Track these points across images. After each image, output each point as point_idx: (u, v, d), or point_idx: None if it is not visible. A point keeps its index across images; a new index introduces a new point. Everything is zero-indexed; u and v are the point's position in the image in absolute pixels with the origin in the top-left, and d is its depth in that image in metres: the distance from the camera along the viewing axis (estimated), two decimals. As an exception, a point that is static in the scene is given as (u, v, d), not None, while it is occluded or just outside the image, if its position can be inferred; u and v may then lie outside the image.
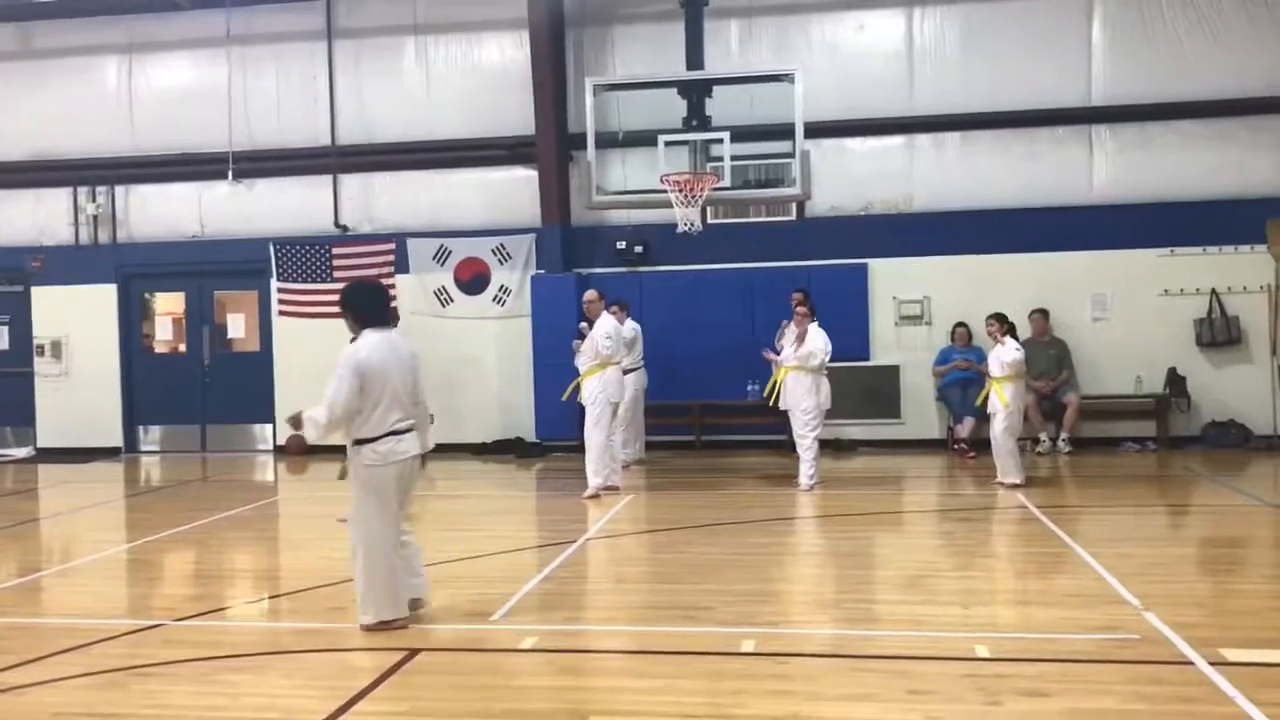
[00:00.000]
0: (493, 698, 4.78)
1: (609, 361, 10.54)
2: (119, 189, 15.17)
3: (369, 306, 6.18)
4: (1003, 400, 10.18)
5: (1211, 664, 4.94)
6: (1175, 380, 12.92)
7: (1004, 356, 10.25)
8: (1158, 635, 5.42)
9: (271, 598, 7.05)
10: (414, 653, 5.46)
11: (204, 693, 4.95)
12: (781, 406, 10.79)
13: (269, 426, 14.91)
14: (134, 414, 15.29)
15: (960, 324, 13.11)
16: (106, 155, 15.01)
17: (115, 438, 15.17)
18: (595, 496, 10.18)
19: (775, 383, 10.85)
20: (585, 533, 8.61)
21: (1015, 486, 10.00)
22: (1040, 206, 13.26)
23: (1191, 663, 4.99)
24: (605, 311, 11.01)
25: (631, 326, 12.30)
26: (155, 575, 7.72)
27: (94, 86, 15.13)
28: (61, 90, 15.13)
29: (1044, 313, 13.01)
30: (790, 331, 10.85)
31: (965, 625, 5.77)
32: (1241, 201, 12.89)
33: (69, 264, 15.07)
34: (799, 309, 10.83)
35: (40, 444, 15.17)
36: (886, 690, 4.76)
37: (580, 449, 10.85)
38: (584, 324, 10.82)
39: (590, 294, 10.94)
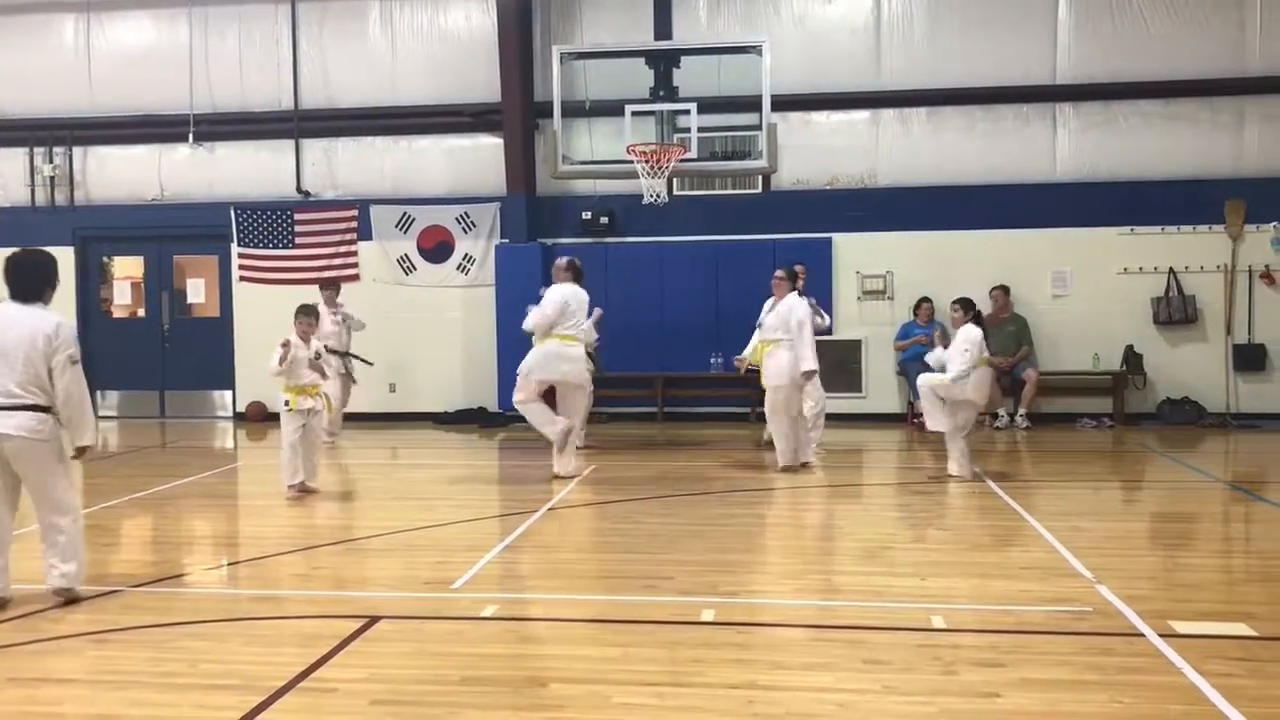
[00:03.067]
0: (452, 665, 4.79)
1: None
2: (76, 150, 14.94)
3: (8, 279, 5.83)
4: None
5: (1161, 635, 5.03)
6: (1132, 358, 13.10)
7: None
8: (1110, 608, 5.52)
9: (231, 564, 7.01)
10: (374, 620, 5.46)
11: (161, 659, 4.92)
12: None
13: (229, 393, 14.79)
14: (92, 379, 15.02)
15: (923, 299, 13.21)
16: (64, 115, 14.79)
17: (72, 402, 14.95)
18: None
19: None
20: (548, 502, 8.62)
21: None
22: (1004, 183, 13.37)
23: (1142, 634, 5.08)
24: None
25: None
26: (113, 541, 7.66)
27: (51, 44, 14.85)
28: (17, 48, 14.86)
29: (1004, 289, 13.13)
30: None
31: (922, 596, 5.84)
32: (1201, 182, 13.06)
33: (25, 225, 14.78)
34: (780, 279, 10.08)
35: (-5, 408, 14.93)
36: (844, 660, 4.82)
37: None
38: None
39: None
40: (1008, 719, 4.13)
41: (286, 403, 8.91)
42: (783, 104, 12.80)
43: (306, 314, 9.25)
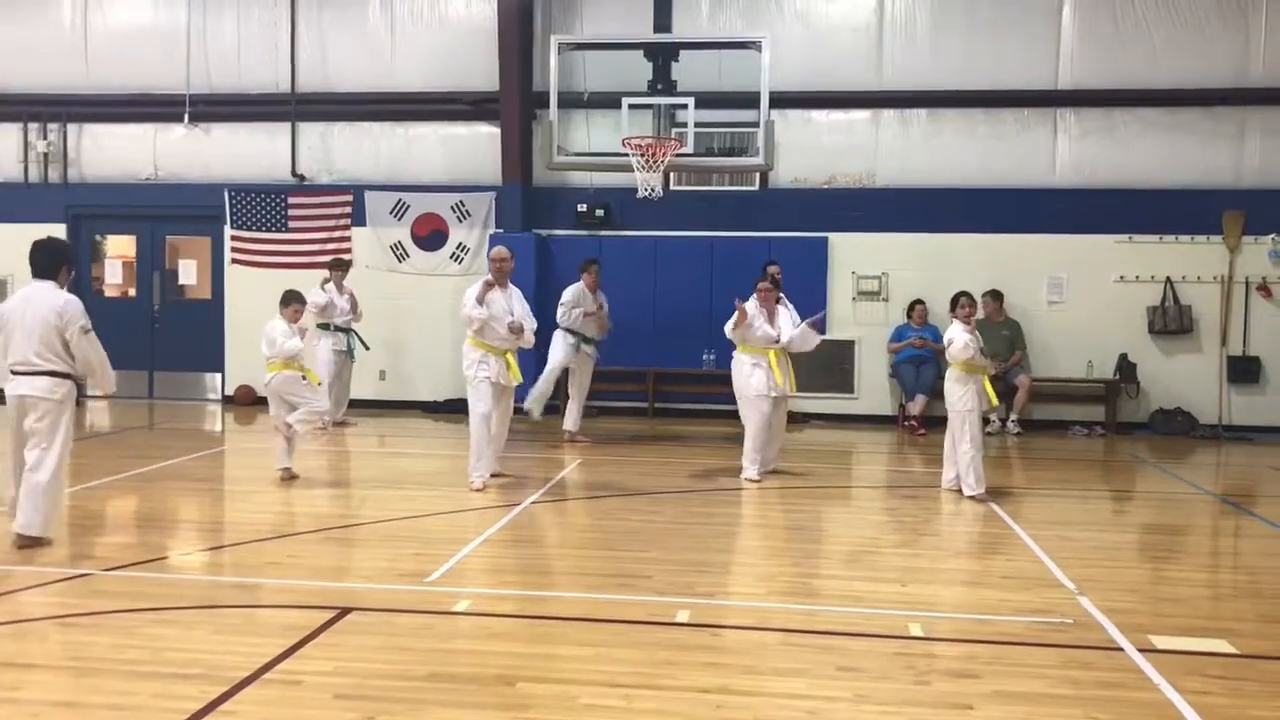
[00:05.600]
0: (420, 660, 4.73)
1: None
2: (71, 127, 14.83)
3: (31, 261, 6.86)
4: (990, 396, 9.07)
5: (1140, 650, 4.97)
6: (1126, 366, 13.04)
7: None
8: (1090, 620, 5.46)
9: (206, 550, 6.94)
10: (345, 611, 5.39)
11: (126, 645, 4.85)
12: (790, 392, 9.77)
13: (218, 376, 14.72)
14: (80, 358, 14.99)
15: (917, 301, 13.14)
16: (59, 91, 14.66)
17: (60, 381, 14.89)
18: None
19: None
20: (530, 497, 8.55)
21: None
22: (1002, 188, 13.29)
23: (1121, 649, 5.02)
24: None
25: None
26: (90, 523, 7.58)
27: (49, 19, 14.74)
28: (14, 21, 14.74)
29: (996, 294, 13.04)
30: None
31: (902, 603, 5.77)
32: (1200, 192, 12.98)
33: (17, 202, 14.74)
34: (769, 290, 9.61)
35: (-18, 385, 14.85)
36: (817, 666, 4.75)
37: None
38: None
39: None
40: (979, 732, 4.07)
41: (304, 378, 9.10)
42: (782, 101, 12.72)
43: (300, 301, 9.29)
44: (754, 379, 9.36)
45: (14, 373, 6.72)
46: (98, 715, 4.08)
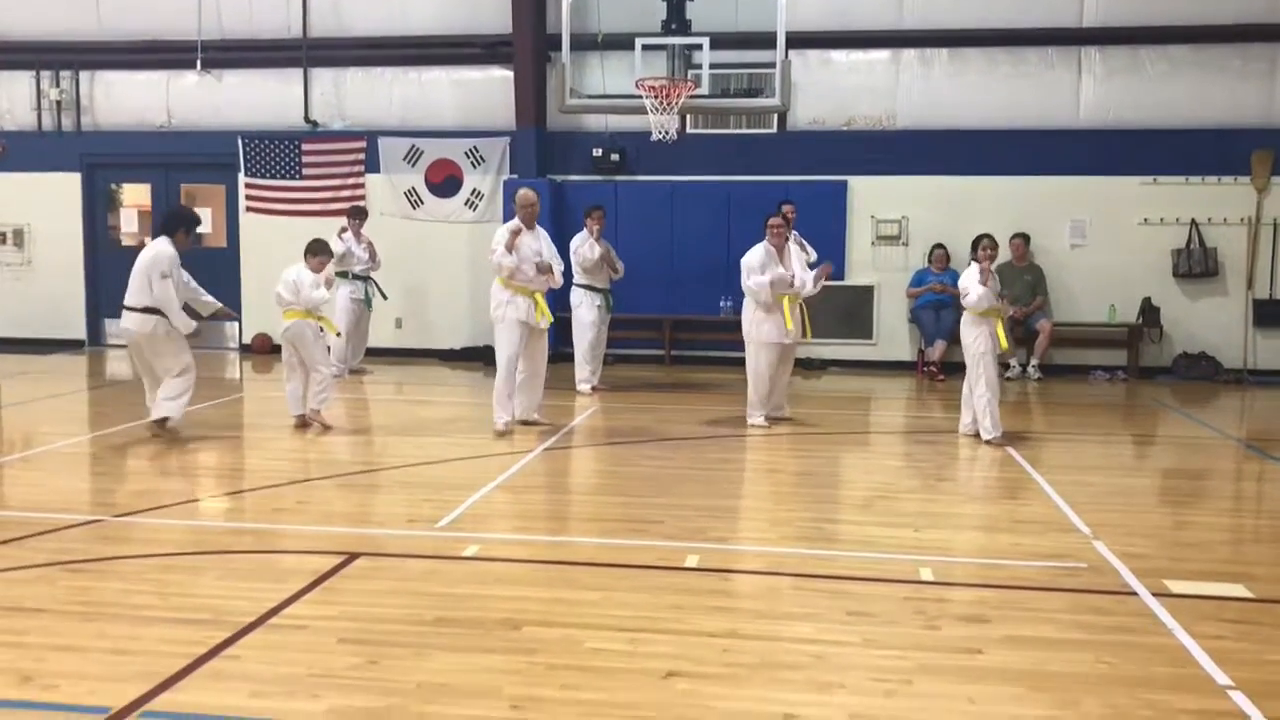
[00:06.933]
0: (427, 605, 4.71)
1: None
2: (83, 74, 14.73)
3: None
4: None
5: (1154, 595, 4.90)
6: (1149, 310, 12.84)
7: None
8: (1105, 565, 5.39)
9: (216, 497, 6.95)
10: (353, 556, 5.38)
11: (133, 590, 4.86)
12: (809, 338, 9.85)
13: (235, 324, 14.70)
14: (99, 306, 15.05)
15: (938, 246, 12.96)
16: (71, 38, 14.53)
17: (79, 330, 14.97)
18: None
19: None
20: (544, 443, 8.51)
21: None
22: (1024, 129, 13.02)
23: (1135, 593, 4.96)
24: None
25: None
26: (102, 470, 7.61)
27: (58, -35, 14.58)
28: (24, -31, 14.59)
29: (1024, 237, 12.85)
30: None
31: (914, 548, 5.72)
32: (1228, 131, 12.68)
33: (31, 150, 14.70)
34: (776, 222, 9.46)
35: (1, 334, 14.92)
36: (827, 610, 4.71)
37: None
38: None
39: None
40: (988, 677, 4.01)
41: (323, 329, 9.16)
42: (800, 41, 12.47)
43: (328, 254, 9.29)
44: (765, 325, 9.24)
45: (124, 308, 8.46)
46: (103, 659, 4.08)
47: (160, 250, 8.36)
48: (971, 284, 8.67)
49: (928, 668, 4.08)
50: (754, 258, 9.23)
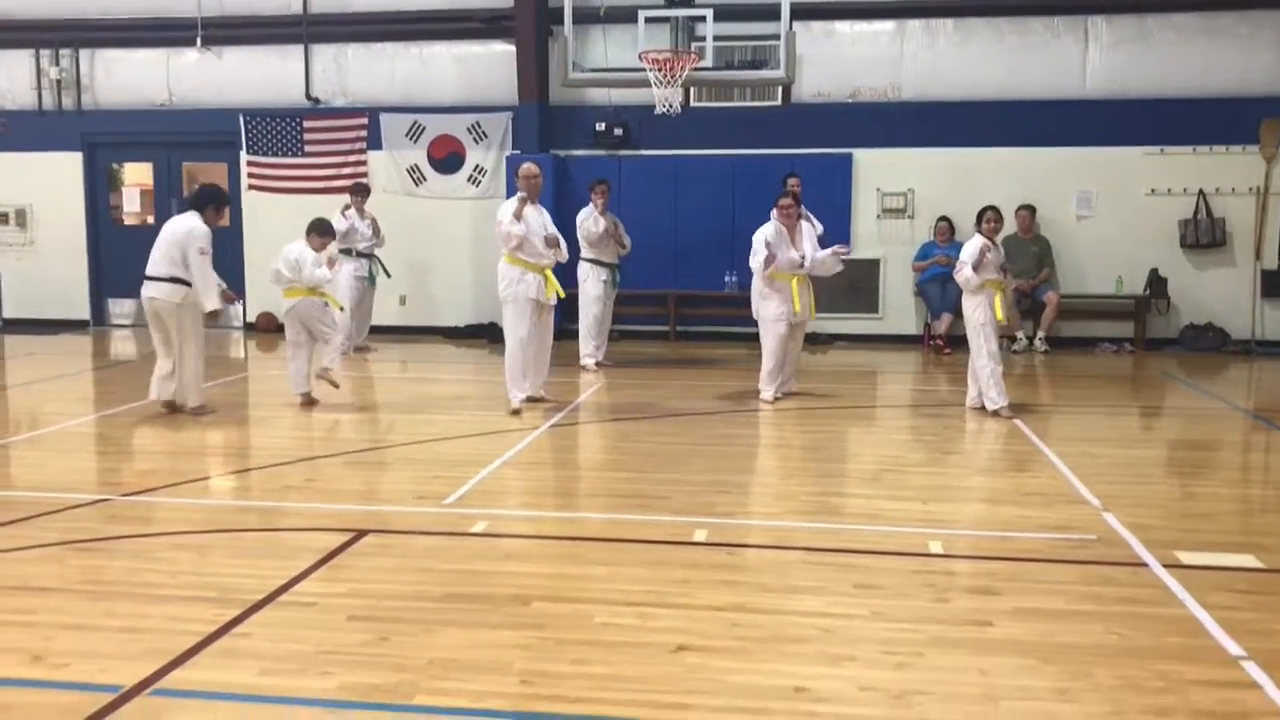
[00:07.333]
0: (436, 581, 4.71)
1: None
2: (83, 52, 14.65)
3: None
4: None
5: (1165, 566, 4.89)
6: (1156, 281, 12.79)
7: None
8: (1114, 536, 5.37)
9: (223, 475, 6.94)
10: (361, 534, 5.37)
11: (140, 569, 4.86)
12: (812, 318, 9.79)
13: (239, 303, 14.68)
14: (102, 286, 15.03)
15: (943, 218, 12.91)
16: (71, 17, 14.45)
17: (83, 310, 14.96)
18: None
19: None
20: (551, 419, 8.50)
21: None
22: (1030, 99, 12.93)
23: (1145, 564, 4.94)
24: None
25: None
26: (108, 450, 7.60)
27: (56, -57, 14.48)
28: (21, -54, 14.49)
29: (1030, 209, 12.78)
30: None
31: (922, 521, 5.70)
32: (1236, 100, 12.58)
33: (32, 130, 14.65)
34: (786, 203, 9.32)
35: (5, 315, 14.93)
36: (834, 583, 4.70)
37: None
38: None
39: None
40: (998, 649, 4.00)
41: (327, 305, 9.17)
42: (804, 12, 12.40)
43: (330, 235, 9.28)
44: (772, 303, 9.22)
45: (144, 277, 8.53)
46: (112, 638, 4.08)
47: (196, 226, 8.41)
48: (967, 259, 8.61)
49: (938, 640, 4.07)
50: (761, 237, 9.19)
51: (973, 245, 8.67)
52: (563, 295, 9.02)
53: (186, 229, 8.40)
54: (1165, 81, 12.70)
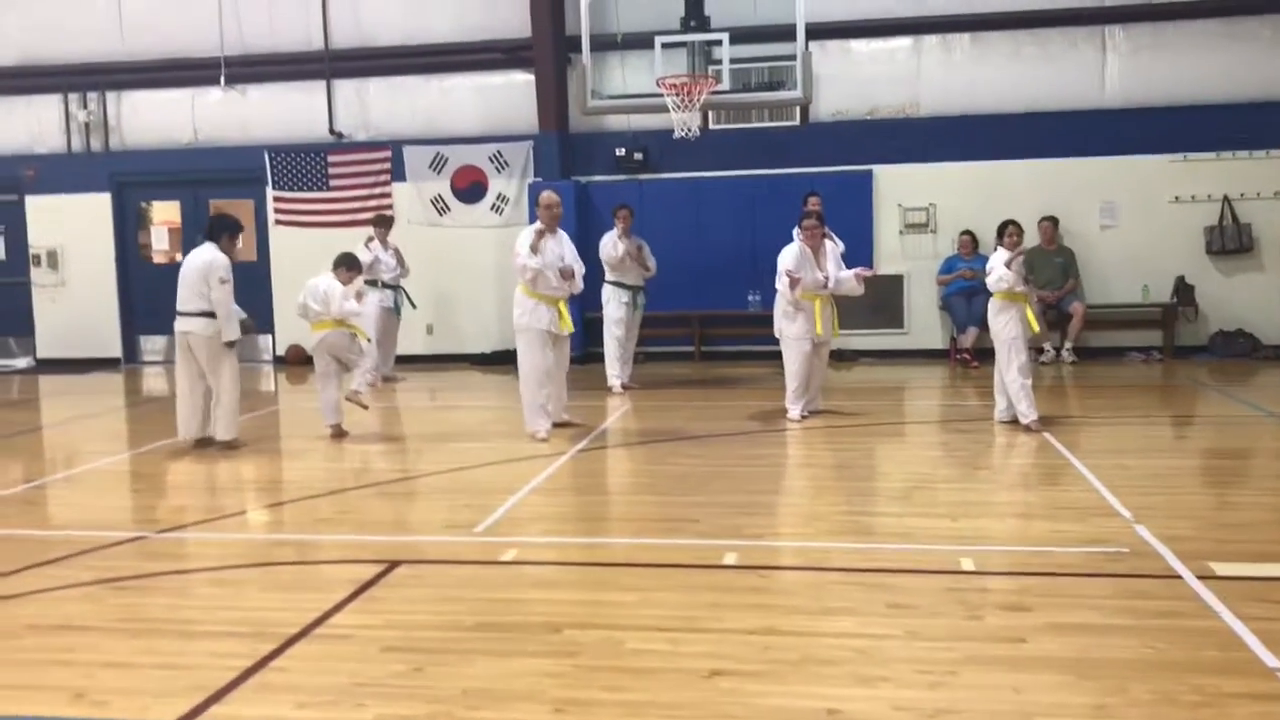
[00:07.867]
0: (468, 610, 4.73)
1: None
2: (110, 95, 14.91)
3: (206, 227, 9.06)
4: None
5: (1200, 578, 4.85)
6: (1183, 289, 12.71)
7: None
8: (1148, 549, 5.33)
9: (257, 510, 7.01)
10: (393, 565, 5.41)
11: (178, 605, 4.91)
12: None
13: (268, 337, 14.85)
14: (134, 324, 15.23)
15: (966, 232, 12.89)
16: (96, 60, 14.72)
17: (115, 348, 15.14)
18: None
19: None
20: (578, 445, 8.53)
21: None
22: (1050, 111, 12.92)
23: (1180, 576, 4.90)
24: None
25: None
26: (143, 487, 7.69)
27: (81, -10, 14.76)
28: (48, -5, 14.78)
29: (1053, 220, 12.75)
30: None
31: (953, 538, 5.68)
32: (1258, 105, 12.53)
33: (62, 172, 14.90)
34: (810, 224, 9.33)
35: (40, 354, 15.16)
36: (866, 604, 4.69)
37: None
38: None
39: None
40: (1033, 666, 3.98)
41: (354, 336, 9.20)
42: (819, 32, 12.46)
43: (356, 269, 9.39)
44: (796, 323, 9.25)
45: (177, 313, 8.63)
46: (151, 675, 4.13)
47: (216, 257, 8.50)
48: (996, 263, 8.62)
49: (972, 658, 4.05)
50: (784, 259, 9.22)
51: (1000, 256, 8.67)
52: (573, 330, 9.01)
53: (206, 260, 8.49)
54: (1185, 88, 12.66)
